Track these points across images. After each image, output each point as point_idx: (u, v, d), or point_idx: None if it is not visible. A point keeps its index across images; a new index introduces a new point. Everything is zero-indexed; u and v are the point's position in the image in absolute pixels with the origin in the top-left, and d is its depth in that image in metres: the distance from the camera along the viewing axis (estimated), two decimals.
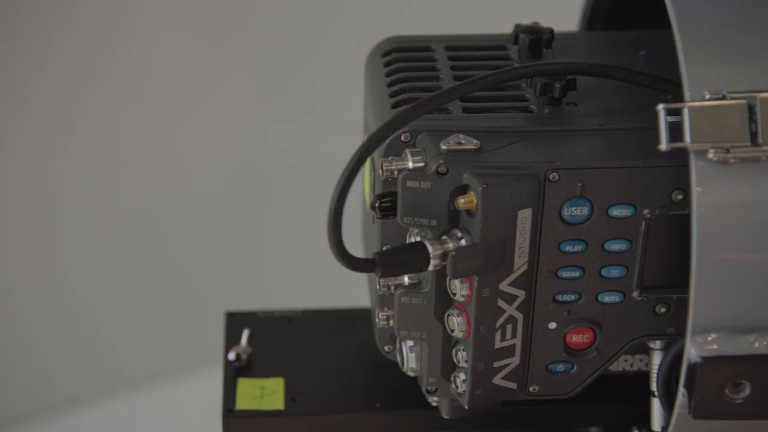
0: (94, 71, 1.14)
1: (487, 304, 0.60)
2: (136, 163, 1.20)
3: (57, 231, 1.19)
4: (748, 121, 0.54)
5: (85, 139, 1.17)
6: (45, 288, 1.20)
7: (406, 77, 0.65)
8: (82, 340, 1.23)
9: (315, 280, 1.05)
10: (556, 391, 0.64)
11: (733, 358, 0.56)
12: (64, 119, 1.16)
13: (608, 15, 0.75)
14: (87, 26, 1.12)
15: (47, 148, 1.16)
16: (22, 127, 1.15)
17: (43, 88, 1.14)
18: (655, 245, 0.61)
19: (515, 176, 0.58)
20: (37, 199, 1.17)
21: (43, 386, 1.22)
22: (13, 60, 1.11)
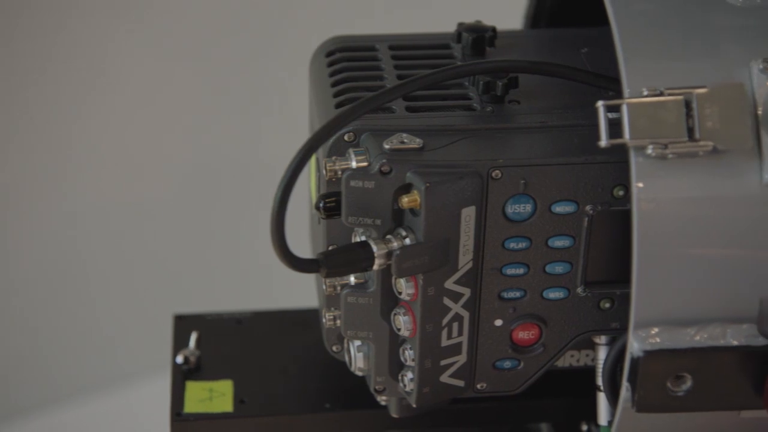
0: (35, 72, 1.13)
1: (433, 302, 0.60)
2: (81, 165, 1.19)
3: (0, 234, 1.18)
4: (685, 116, 0.55)
5: (31, 139, 1.16)
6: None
7: (349, 77, 0.65)
8: (25, 347, 1.22)
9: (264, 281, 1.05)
10: (503, 387, 0.64)
11: (675, 352, 0.56)
12: (10, 120, 1.15)
13: (552, 13, 0.75)
14: (31, 29, 1.12)
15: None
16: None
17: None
18: (598, 241, 0.61)
19: (458, 174, 0.58)
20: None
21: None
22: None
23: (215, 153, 1.21)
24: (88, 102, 1.18)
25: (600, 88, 0.62)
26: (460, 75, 0.62)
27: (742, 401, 0.57)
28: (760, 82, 0.56)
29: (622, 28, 0.58)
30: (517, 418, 0.72)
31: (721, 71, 0.57)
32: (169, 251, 1.23)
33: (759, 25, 0.58)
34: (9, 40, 1.13)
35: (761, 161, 0.55)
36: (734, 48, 0.57)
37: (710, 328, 0.57)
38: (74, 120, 1.18)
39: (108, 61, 1.18)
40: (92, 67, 1.17)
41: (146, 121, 1.20)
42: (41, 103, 1.17)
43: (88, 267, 1.22)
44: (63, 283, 1.21)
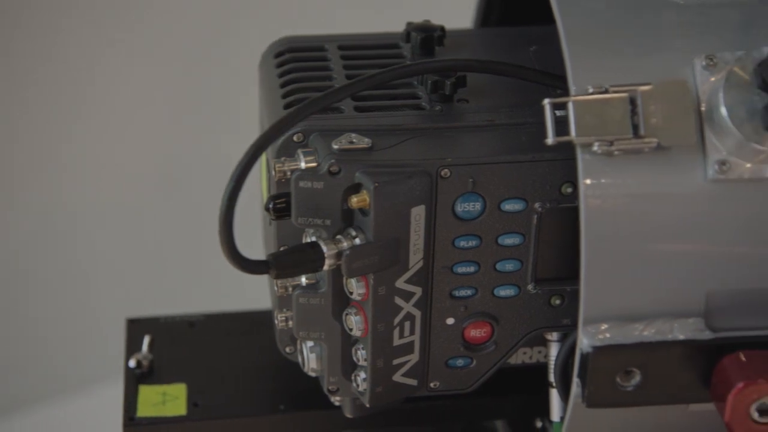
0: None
1: (384, 302, 0.60)
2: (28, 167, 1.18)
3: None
4: (630, 113, 0.55)
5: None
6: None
7: (298, 77, 0.65)
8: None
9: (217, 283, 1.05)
10: (456, 385, 0.65)
11: (623, 347, 0.57)
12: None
13: (501, 11, 0.76)
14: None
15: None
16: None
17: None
18: (547, 238, 0.62)
19: (407, 174, 0.59)
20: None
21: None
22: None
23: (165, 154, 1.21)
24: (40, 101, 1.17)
25: (548, 86, 0.63)
26: (408, 74, 0.62)
27: (691, 395, 0.58)
28: (703, 79, 0.56)
29: (567, 26, 0.58)
30: (472, 416, 0.72)
31: (666, 68, 0.57)
32: (121, 254, 1.22)
33: (702, 22, 0.59)
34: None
35: (705, 157, 0.56)
36: (678, 45, 0.58)
37: (658, 323, 0.57)
38: (25, 121, 1.17)
39: (62, 61, 1.17)
40: (47, 68, 1.16)
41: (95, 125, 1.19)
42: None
43: (38, 271, 1.21)
44: (10, 288, 1.20)
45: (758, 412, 0.55)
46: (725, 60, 0.56)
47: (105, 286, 1.22)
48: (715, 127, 0.56)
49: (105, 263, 1.22)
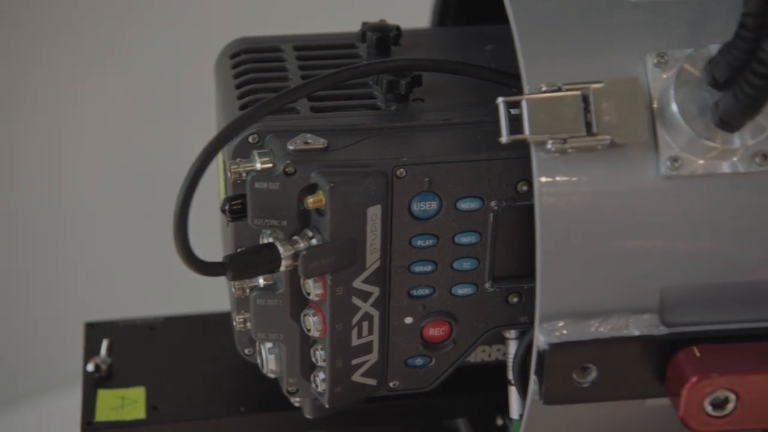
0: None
1: (342, 302, 0.60)
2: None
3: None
4: (583, 111, 0.56)
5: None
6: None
7: (254, 78, 0.65)
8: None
9: (177, 285, 1.04)
10: (416, 385, 0.65)
11: (579, 344, 0.57)
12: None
13: (458, 10, 0.76)
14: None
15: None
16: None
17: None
18: (504, 236, 0.62)
19: (363, 174, 0.59)
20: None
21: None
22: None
23: (125, 156, 1.20)
24: (6, 105, 1.16)
25: (503, 84, 0.63)
26: (362, 74, 0.62)
27: (646, 390, 0.58)
28: (655, 76, 0.57)
29: (520, 25, 0.58)
30: (432, 415, 0.72)
31: (618, 66, 0.58)
32: (79, 257, 1.21)
33: (653, 21, 0.59)
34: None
35: (658, 154, 0.56)
36: (630, 43, 0.58)
37: (613, 320, 0.58)
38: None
39: (23, 64, 1.16)
40: (9, 69, 1.15)
41: (52, 129, 1.18)
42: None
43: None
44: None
45: (712, 406, 0.55)
46: (676, 57, 0.57)
47: (64, 290, 1.21)
48: (667, 124, 0.56)
49: (65, 267, 1.21)
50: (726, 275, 0.58)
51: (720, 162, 0.57)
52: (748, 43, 0.51)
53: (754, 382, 0.55)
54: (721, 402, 0.55)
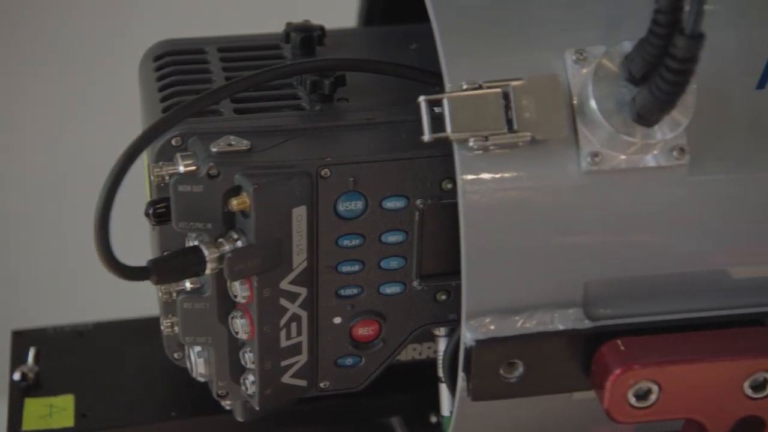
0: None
1: (269, 303, 0.60)
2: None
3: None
4: (504, 108, 0.56)
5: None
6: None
7: (177, 81, 0.65)
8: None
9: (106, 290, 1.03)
10: (346, 384, 0.65)
11: (505, 339, 0.57)
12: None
13: (384, 10, 0.76)
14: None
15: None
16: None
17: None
18: (430, 234, 0.62)
19: (287, 175, 0.58)
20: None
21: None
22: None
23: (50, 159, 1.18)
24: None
25: (426, 83, 0.63)
26: (284, 75, 0.62)
27: (573, 383, 0.59)
28: (574, 73, 0.57)
29: (441, 23, 0.59)
30: (366, 414, 0.72)
31: (539, 63, 0.58)
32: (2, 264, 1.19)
33: (573, 17, 0.60)
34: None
35: (578, 150, 0.57)
36: (550, 40, 0.59)
37: (538, 315, 0.58)
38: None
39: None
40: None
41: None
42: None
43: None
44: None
45: (635, 397, 0.56)
46: (594, 54, 0.57)
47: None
48: (587, 120, 0.57)
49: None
50: (648, 268, 0.58)
51: (640, 156, 0.57)
52: (661, 39, 0.52)
53: (675, 373, 0.55)
54: (644, 393, 0.56)
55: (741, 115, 0.58)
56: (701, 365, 0.56)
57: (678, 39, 0.51)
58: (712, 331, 0.57)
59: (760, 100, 0.58)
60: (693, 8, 0.50)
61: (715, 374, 0.56)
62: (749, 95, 0.58)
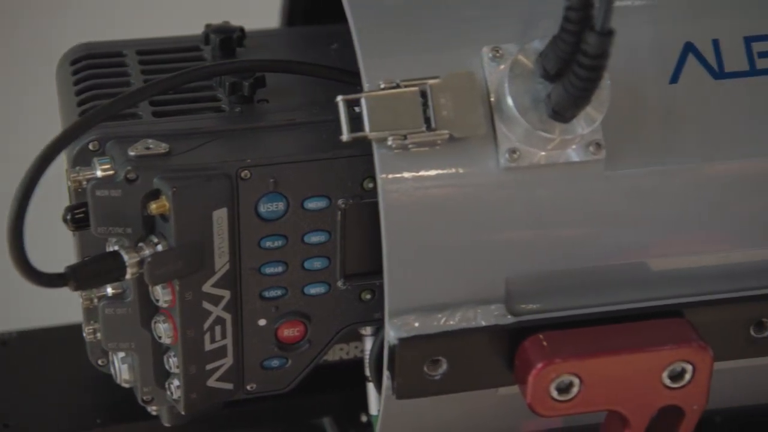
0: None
1: (192, 307, 0.60)
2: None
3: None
4: (422, 107, 0.56)
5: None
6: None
7: (95, 84, 0.64)
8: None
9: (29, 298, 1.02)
10: (273, 386, 0.64)
11: (428, 337, 0.57)
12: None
13: (306, 10, 0.76)
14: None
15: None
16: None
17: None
18: (353, 234, 0.62)
19: (206, 177, 0.58)
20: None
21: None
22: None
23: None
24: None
25: (346, 83, 0.63)
26: (200, 77, 0.61)
27: (496, 379, 0.59)
28: (491, 70, 0.58)
29: (358, 23, 0.59)
30: (296, 415, 0.72)
31: (457, 61, 0.58)
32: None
33: (489, 15, 0.60)
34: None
35: (497, 147, 0.57)
36: (468, 38, 0.59)
37: (461, 312, 0.58)
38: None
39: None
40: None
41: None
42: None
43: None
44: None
45: (557, 391, 0.57)
46: (511, 51, 0.58)
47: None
48: (504, 117, 0.57)
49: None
50: (569, 263, 0.59)
51: (558, 152, 0.58)
52: (573, 36, 0.52)
53: (595, 366, 0.56)
54: (566, 386, 0.57)
55: (655, 110, 0.59)
56: (620, 357, 0.56)
57: (589, 35, 0.51)
58: (631, 324, 0.58)
59: (673, 94, 0.59)
60: (603, 5, 0.50)
61: (634, 366, 0.56)
62: (663, 90, 0.59)
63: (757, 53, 0.60)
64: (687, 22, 0.60)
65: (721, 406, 0.74)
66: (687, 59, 0.60)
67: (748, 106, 0.59)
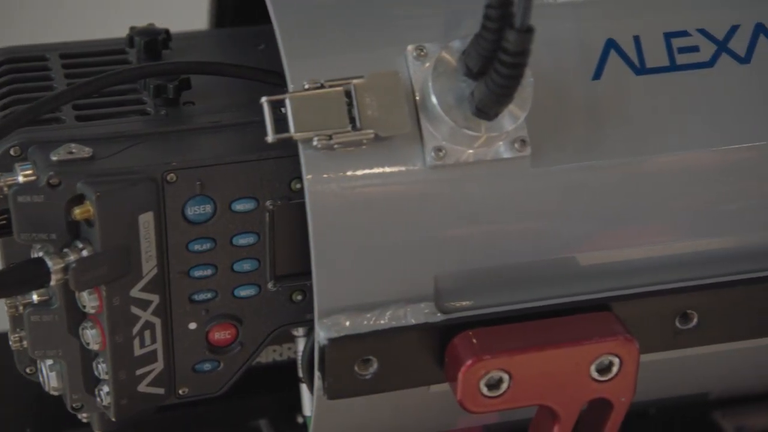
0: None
1: (120, 312, 0.59)
2: None
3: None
4: (347, 107, 0.56)
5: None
6: None
7: (16, 89, 0.63)
8: None
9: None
10: (206, 390, 0.64)
11: (358, 336, 0.57)
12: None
13: (235, 11, 0.76)
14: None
15: None
16: None
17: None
18: (282, 235, 0.62)
19: (131, 181, 0.57)
20: None
21: None
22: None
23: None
24: None
25: (272, 84, 0.63)
26: (122, 81, 0.61)
27: (427, 377, 0.59)
28: (416, 69, 0.58)
29: (282, 23, 0.59)
30: (232, 418, 0.72)
31: (382, 60, 0.58)
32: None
33: (414, 14, 0.60)
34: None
35: (423, 145, 0.58)
36: (392, 37, 0.59)
37: (391, 310, 0.58)
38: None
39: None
40: None
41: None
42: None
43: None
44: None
45: (487, 387, 0.57)
46: (434, 50, 0.58)
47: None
48: (429, 116, 0.57)
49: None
50: (497, 259, 0.59)
51: (484, 149, 0.58)
52: (493, 34, 0.53)
53: (523, 361, 0.56)
54: (496, 382, 0.57)
55: (579, 106, 0.60)
56: (549, 352, 0.57)
57: (509, 33, 0.52)
58: (559, 319, 0.59)
59: (596, 90, 0.60)
60: (521, 3, 0.51)
61: (562, 360, 0.57)
62: (586, 86, 0.60)
63: (677, 48, 0.60)
64: (608, 19, 0.61)
65: (653, 398, 0.75)
66: (609, 56, 0.60)
67: (669, 101, 0.60)
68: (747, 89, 0.60)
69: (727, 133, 0.60)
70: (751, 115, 0.60)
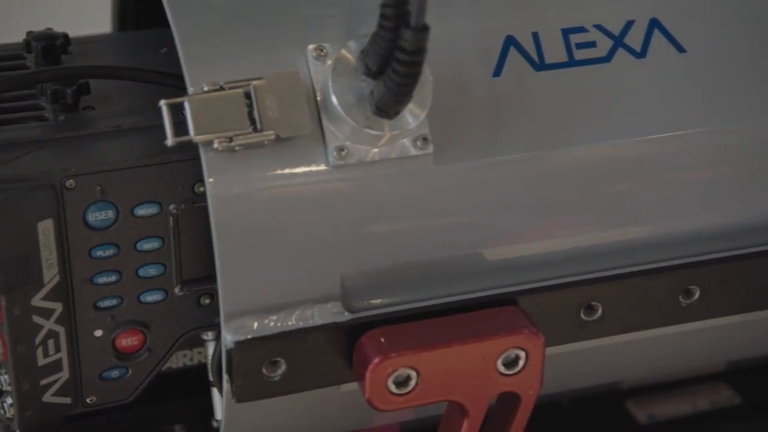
0: None
1: (21, 322, 0.58)
2: None
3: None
4: (247, 108, 0.56)
5: None
6: None
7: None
8: None
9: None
10: (115, 397, 0.63)
11: (265, 338, 0.57)
12: None
13: (138, 14, 0.75)
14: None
15: None
16: None
17: None
18: (187, 239, 0.61)
19: (28, 188, 0.56)
20: None
21: None
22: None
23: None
24: None
25: (172, 87, 0.62)
26: (15, 87, 0.60)
27: (336, 377, 0.59)
28: (316, 69, 0.58)
29: (180, 26, 0.58)
30: (144, 425, 0.71)
31: (282, 61, 0.58)
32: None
33: (314, 14, 0.60)
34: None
35: (325, 145, 0.58)
36: (293, 38, 0.59)
37: (298, 311, 0.58)
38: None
39: None
40: None
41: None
42: None
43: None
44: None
45: (395, 384, 0.57)
46: (334, 49, 0.58)
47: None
48: (330, 115, 0.57)
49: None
50: (402, 257, 0.60)
51: (387, 148, 0.58)
52: (390, 33, 0.53)
53: (430, 358, 0.57)
54: (404, 380, 0.57)
55: (480, 103, 0.60)
56: (455, 348, 0.57)
57: (404, 32, 0.52)
58: (465, 314, 0.59)
59: (497, 87, 0.60)
60: (416, 2, 0.51)
61: (469, 355, 0.57)
62: (487, 83, 0.60)
63: (575, 44, 0.61)
64: (507, 16, 0.62)
65: (565, 389, 0.76)
66: (509, 52, 0.61)
67: (569, 96, 0.61)
68: (643, 83, 0.61)
69: (625, 126, 0.61)
70: (648, 108, 0.61)
